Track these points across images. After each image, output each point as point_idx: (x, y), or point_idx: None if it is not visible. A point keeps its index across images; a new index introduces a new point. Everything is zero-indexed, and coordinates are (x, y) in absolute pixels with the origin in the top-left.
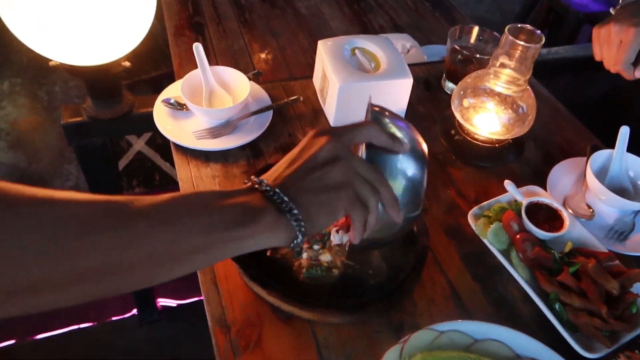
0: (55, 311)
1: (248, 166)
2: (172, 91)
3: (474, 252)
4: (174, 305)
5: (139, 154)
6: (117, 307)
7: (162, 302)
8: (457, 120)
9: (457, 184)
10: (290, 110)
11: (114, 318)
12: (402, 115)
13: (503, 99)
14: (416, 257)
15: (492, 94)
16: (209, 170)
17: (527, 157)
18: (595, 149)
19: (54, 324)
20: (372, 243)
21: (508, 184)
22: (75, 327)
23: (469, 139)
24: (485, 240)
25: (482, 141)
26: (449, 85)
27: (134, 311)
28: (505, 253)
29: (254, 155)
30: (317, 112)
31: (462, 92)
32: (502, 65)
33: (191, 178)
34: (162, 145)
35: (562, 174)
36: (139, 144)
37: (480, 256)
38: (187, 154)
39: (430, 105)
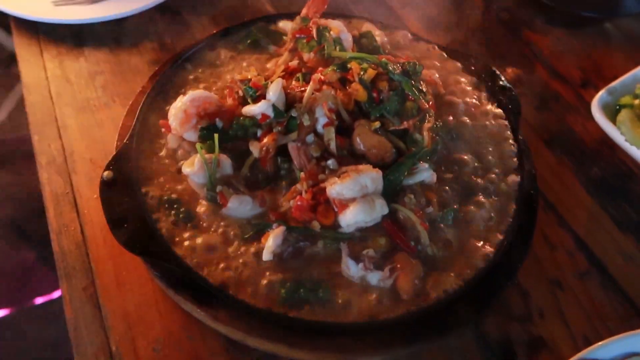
0: None
1: (160, 50)
2: None
3: (609, 175)
4: None
5: None
6: (41, 284)
7: None
8: None
9: (545, 58)
10: None
11: (37, 301)
12: None
13: None
14: (518, 202)
15: None
16: (84, 63)
17: None
18: None
19: None
20: None
21: None
22: None
23: None
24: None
25: None
26: None
27: None
28: None
29: (169, 28)
30: None
31: None
32: None
33: (46, 80)
34: None
35: None
36: None
37: (623, 182)
38: (37, 36)
39: None
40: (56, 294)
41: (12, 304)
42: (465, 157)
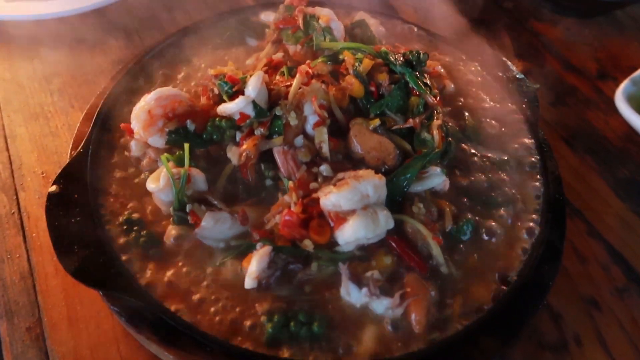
0: None
1: (126, 48)
2: None
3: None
4: None
5: None
6: None
7: None
8: None
9: (557, 50)
10: None
11: None
12: None
13: None
14: (544, 210)
15: None
16: (39, 65)
17: None
18: None
19: None
20: None
21: None
22: None
23: None
24: None
25: None
26: None
27: None
28: None
29: (137, 24)
30: None
31: None
32: None
33: None
34: None
35: None
36: None
37: None
38: None
39: None
40: None
41: None
42: (481, 160)
